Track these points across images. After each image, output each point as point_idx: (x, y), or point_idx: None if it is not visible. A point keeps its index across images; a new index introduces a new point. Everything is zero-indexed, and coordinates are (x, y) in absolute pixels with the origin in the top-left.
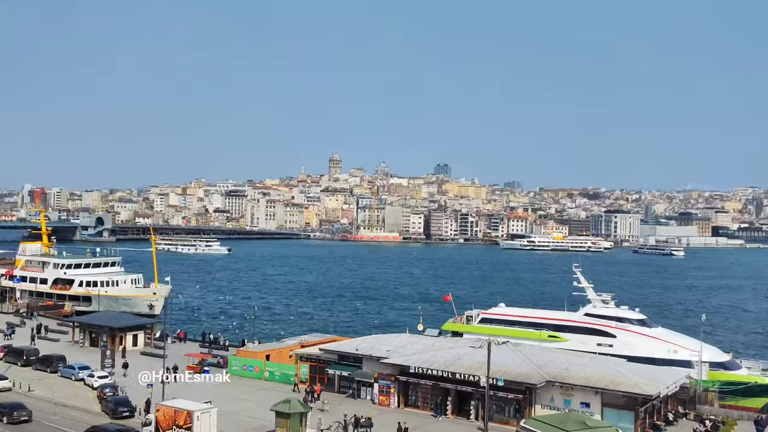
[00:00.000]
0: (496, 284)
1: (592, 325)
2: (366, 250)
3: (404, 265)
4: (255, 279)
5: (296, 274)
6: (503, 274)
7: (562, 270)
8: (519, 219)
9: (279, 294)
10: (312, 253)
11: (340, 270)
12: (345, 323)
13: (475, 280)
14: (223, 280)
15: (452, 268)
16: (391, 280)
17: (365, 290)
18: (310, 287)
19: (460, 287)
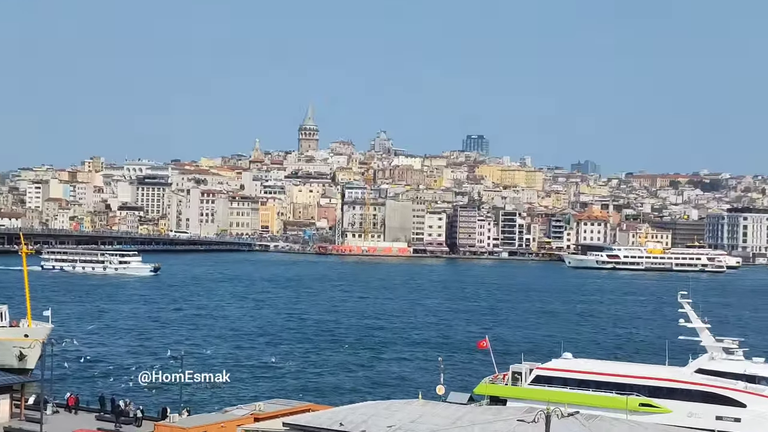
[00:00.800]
0: (558, 323)
1: (709, 387)
2: (356, 268)
3: (416, 292)
4: (188, 313)
5: (250, 305)
6: (569, 307)
7: (661, 301)
8: (595, 221)
9: (223, 336)
10: (273, 274)
11: (317, 299)
12: (325, 382)
13: (526, 317)
14: (139, 315)
15: (490, 297)
16: (396, 316)
17: (357, 331)
18: (271, 326)
19: (501, 328)
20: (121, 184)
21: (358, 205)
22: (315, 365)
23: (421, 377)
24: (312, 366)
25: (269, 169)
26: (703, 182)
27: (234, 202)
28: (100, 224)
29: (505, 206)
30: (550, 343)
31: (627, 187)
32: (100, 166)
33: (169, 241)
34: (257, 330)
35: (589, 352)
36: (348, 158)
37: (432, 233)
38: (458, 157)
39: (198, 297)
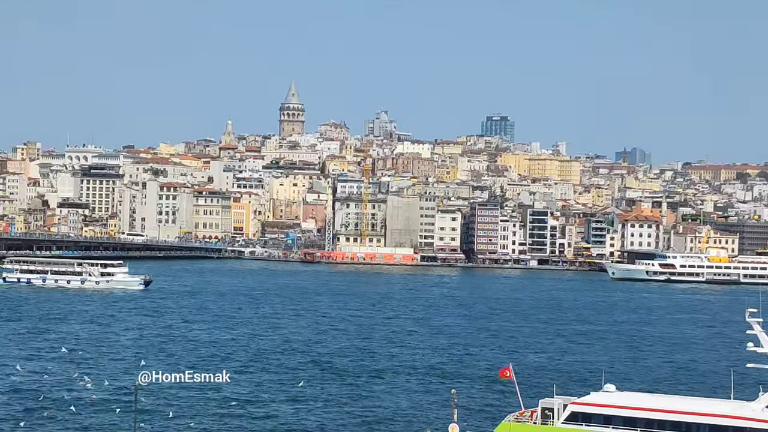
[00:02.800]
0: (599, 348)
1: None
2: (350, 279)
3: (424, 309)
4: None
5: (221, 325)
6: (612, 328)
7: (726, 320)
8: (644, 222)
9: (187, 363)
10: (248, 287)
11: (302, 318)
12: (311, 421)
13: (559, 340)
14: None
15: (515, 316)
16: (399, 338)
17: (351, 356)
18: (244, 351)
19: (528, 353)
20: (62, 175)
21: (353, 202)
22: (298, 399)
23: (430, 413)
24: (294, 401)
25: (244, 158)
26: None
27: (200, 198)
28: (36, 225)
29: (534, 204)
30: (588, 372)
31: (684, 180)
32: (35, 154)
33: (121, 245)
34: (227, 355)
35: (637, 383)
36: (341, 144)
37: (444, 237)
38: (476, 143)
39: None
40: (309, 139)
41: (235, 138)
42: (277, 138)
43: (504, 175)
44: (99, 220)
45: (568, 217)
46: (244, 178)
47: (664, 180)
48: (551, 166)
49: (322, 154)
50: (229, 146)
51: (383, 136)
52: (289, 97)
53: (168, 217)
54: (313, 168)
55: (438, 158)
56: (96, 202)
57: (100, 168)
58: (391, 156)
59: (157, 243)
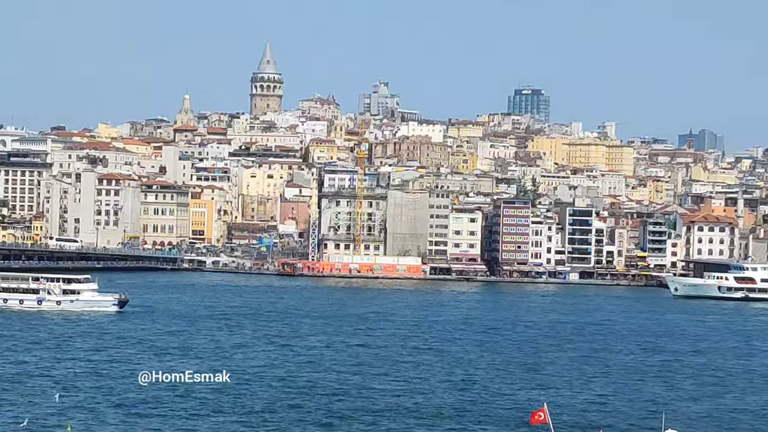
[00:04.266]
0: (657, 384)
1: None
2: (341, 297)
3: (434, 334)
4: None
5: (170, 355)
6: (674, 358)
7: None
8: (716, 225)
9: (122, 404)
10: (209, 306)
11: (279, 346)
12: None
13: (606, 375)
14: None
15: (550, 344)
16: (403, 372)
17: (343, 395)
18: (205, 389)
19: (567, 391)
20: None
21: (344, 198)
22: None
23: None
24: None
25: (205, 142)
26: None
27: (150, 193)
28: None
29: (575, 201)
30: (644, 414)
31: (766, 171)
32: None
33: (49, 254)
34: (180, 397)
35: (705, 429)
36: (328, 125)
37: (460, 243)
38: (502, 124)
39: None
40: (288, 118)
41: (194, 117)
42: (247, 117)
43: (537, 164)
44: (20, 222)
45: (619, 218)
46: (206, 168)
47: (740, 171)
48: (597, 152)
49: (305, 137)
50: (186, 127)
51: (382, 114)
52: (263, 66)
53: (109, 218)
54: (294, 155)
55: (453, 143)
56: (17, 198)
57: (22, 155)
58: (392, 140)
59: (94, 251)
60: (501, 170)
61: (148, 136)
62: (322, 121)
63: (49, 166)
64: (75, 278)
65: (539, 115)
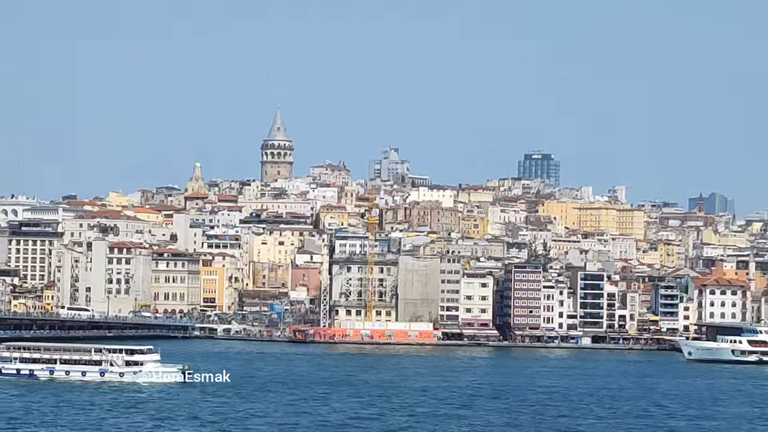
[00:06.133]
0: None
1: None
2: (352, 364)
3: (445, 403)
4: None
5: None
6: (692, 425)
7: None
8: (728, 288)
9: None
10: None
11: (287, 419)
12: None
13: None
14: None
15: (563, 414)
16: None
17: None
18: None
19: None
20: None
21: (355, 264)
22: None
23: None
24: None
25: (216, 210)
26: None
27: (161, 261)
28: None
29: (587, 265)
30: None
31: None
32: None
33: (60, 323)
34: None
35: None
36: (339, 191)
37: (472, 308)
38: (512, 189)
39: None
40: (299, 184)
41: (205, 185)
42: (258, 184)
43: (547, 228)
44: (32, 291)
45: (630, 282)
46: (217, 235)
47: (751, 234)
48: (607, 216)
49: (316, 204)
50: (197, 195)
51: (393, 180)
52: (273, 132)
53: (120, 287)
54: (305, 222)
55: (463, 208)
56: (28, 268)
57: (34, 225)
58: (403, 206)
59: (105, 320)
60: (512, 235)
61: (158, 204)
62: (333, 188)
63: (60, 235)
64: (138, 349)
65: (549, 179)
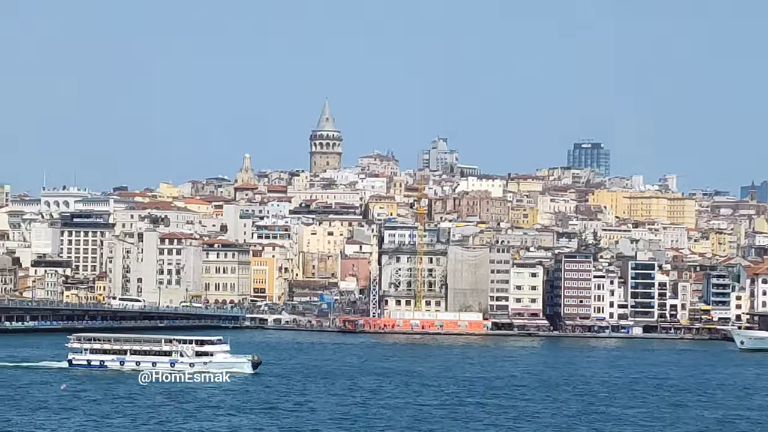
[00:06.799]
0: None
1: None
2: (403, 354)
3: (496, 393)
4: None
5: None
6: (745, 415)
7: None
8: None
9: None
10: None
11: (335, 408)
12: None
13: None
14: None
15: (616, 397)
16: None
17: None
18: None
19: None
20: (37, 225)
21: (404, 254)
22: None
23: None
24: None
25: (266, 201)
26: None
27: (211, 251)
28: (5, 288)
29: (637, 254)
30: None
31: None
32: (3, 199)
33: (112, 313)
34: None
35: None
36: (388, 182)
37: (522, 298)
38: (562, 178)
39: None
40: (348, 175)
41: (254, 175)
42: (307, 175)
43: (597, 217)
44: (84, 282)
45: (682, 272)
46: (267, 226)
47: None
48: (658, 205)
49: (365, 194)
50: (247, 186)
51: (442, 170)
52: (322, 123)
53: (171, 277)
54: (354, 212)
55: (513, 197)
56: (80, 259)
57: (85, 216)
58: (452, 195)
59: (156, 310)
60: (562, 224)
61: (209, 195)
62: (382, 178)
63: (111, 226)
64: (208, 339)
65: (599, 168)
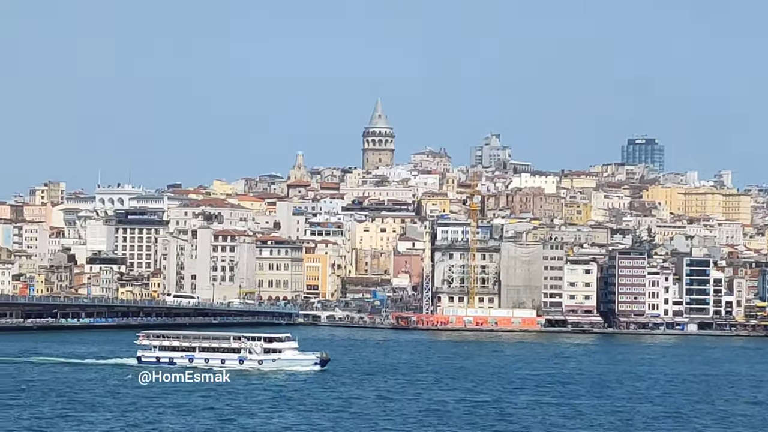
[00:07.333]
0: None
1: None
2: (456, 351)
3: (549, 390)
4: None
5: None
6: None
7: None
8: None
9: None
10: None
11: (388, 408)
12: None
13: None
14: None
15: (671, 396)
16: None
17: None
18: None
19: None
20: (92, 223)
21: (457, 251)
22: None
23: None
24: None
25: (318, 198)
26: None
27: (264, 248)
28: (60, 286)
29: (692, 251)
30: None
31: None
32: (58, 197)
33: (167, 310)
34: None
35: None
36: (440, 178)
37: (575, 294)
38: (615, 174)
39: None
40: (400, 172)
41: (307, 173)
42: (359, 172)
43: (652, 214)
44: (138, 279)
45: (737, 268)
46: (319, 223)
47: None
48: (713, 201)
49: (417, 190)
50: (299, 183)
51: (494, 166)
52: (375, 120)
53: (224, 274)
54: (406, 209)
55: (566, 194)
56: (134, 256)
57: (140, 213)
58: (505, 192)
59: (210, 307)
60: (615, 221)
61: (262, 192)
62: (434, 174)
63: (165, 223)
64: (276, 337)
65: (653, 164)
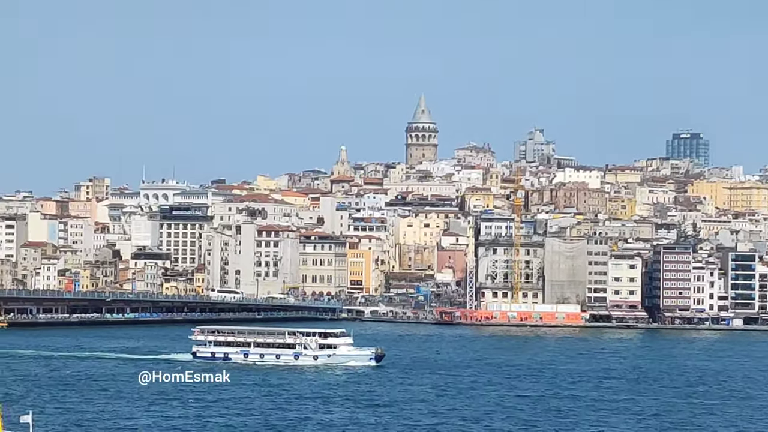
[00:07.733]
0: None
1: None
2: (500, 346)
3: (595, 385)
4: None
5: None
6: None
7: None
8: None
9: None
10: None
11: (432, 407)
12: None
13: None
14: None
15: (720, 391)
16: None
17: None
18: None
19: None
20: (137, 218)
21: (501, 246)
22: None
23: None
24: None
25: (362, 193)
26: None
27: (308, 244)
28: (105, 281)
29: (738, 245)
30: None
31: None
32: (103, 193)
33: (211, 305)
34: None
35: None
36: (484, 173)
37: (620, 289)
38: (660, 169)
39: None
40: (444, 167)
41: (350, 168)
42: (403, 167)
43: (697, 208)
44: (183, 274)
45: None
46: (363, 218)
47: None
48: (759, 196)
49: (461, 185)
50: (343, 178)
51: (538, 161)
52: (418, 115)
53: (268, 269)
54: (450, 204)
55: (610, 189)
56: (179, 251)
57: (184, 209)
58: (549, 187)
59: (254, 302)
60: (660, 216)
61: (305, 188)
62: (478, 170)
63: (209, 218)
64: (331, 332)
65: (698, 159)
